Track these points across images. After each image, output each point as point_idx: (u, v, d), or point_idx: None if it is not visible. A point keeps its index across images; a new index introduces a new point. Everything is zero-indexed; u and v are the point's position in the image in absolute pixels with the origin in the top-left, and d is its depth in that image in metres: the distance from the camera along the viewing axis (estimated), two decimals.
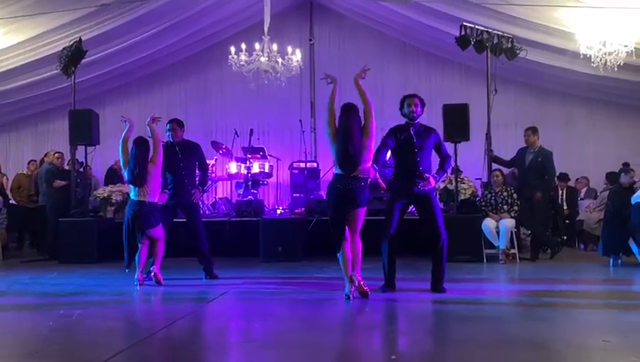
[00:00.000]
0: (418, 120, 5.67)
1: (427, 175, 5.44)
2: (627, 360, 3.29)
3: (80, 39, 9.04)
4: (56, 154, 9.81)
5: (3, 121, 12.69)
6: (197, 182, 6.83)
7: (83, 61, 9.18)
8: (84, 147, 8.98)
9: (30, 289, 6.29)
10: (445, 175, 6.00)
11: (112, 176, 10.83)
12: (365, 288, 5.09)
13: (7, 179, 10.52)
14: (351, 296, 5.00)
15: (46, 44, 9.57)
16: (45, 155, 10.07)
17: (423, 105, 5.76)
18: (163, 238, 6.40)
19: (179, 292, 6.02)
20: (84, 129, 8.73)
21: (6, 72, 10.01)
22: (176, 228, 6.94)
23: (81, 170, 9.54)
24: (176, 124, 6.87)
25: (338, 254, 5.11)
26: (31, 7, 8.43)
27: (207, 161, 10.87)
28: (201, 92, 12.84)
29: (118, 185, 9.76)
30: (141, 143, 6.26)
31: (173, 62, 12.66)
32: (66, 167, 9.81)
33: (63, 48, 9.05)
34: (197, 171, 6.92)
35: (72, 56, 8.97)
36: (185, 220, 6.76)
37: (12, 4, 8.27)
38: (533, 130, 8.40)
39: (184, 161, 6.70)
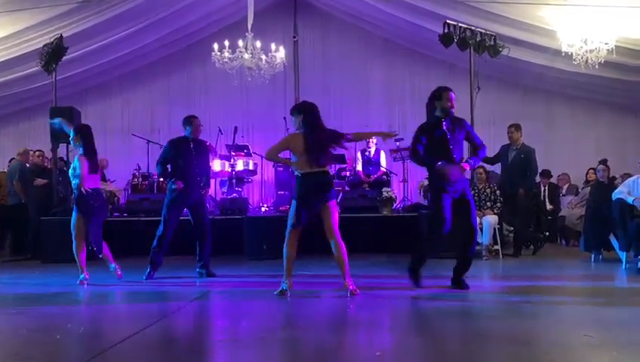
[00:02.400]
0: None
1: (463, 164, 5.40)
2: (609, 355, 3.33)
3: (61, 36, 8.94)
4: (37, 152, 9.69)
5: None
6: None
7: (64, 58, 9.07)
8: (65, 145, 8.87)
9: (11, 290, 6.21)
10: (479, 161, 5.92)
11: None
12: (356, 292, 5.10)
13: None
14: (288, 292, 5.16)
15: (26, 41, 9.46)
16: (18, 154, 9.88)
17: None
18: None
19: (162, 290, 5.98)
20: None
21: None
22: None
23: (65, 168, 9.42)
24: (199, 121, 7.02)
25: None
26: (11, 4, 8.33)
27: None
28: (185, 89, 12.75)
29: (101, 183, 9.65)
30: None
31: (156, 59, 12.55)
32: (48, 166, 9.70)
33: (44, 45, 8.94)
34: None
35: (53, 53, 8.87)
36: (190, 218, 6.73)
37: None
38: (517, 127, 8.46)
39: (197, 158, 6.65)
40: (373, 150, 10.57)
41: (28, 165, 9.60)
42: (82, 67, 10.98)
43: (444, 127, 5.42)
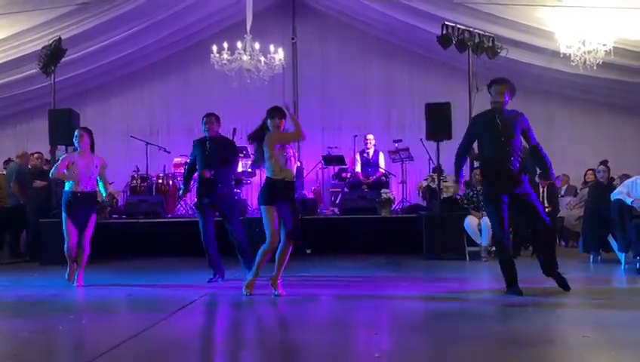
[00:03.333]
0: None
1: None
2: (607, 355, 3.33)
3: (60, 38, 8.95)
4: (36, 155, 9.69)
5: None
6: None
7: (63, 60, 9.08)
8: (64, 147, 8.86)
9: (10, 292, 6.21)
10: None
11: None
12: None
13: None
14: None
15: (25, 43, 9.47)
16: (17, 156, 9.88)
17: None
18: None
19: (160, 294, 5.97)
20: (64, 129, 8.62)
21: None
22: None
23: None
24: (214, 117, 6.91)
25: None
26: (10, 5, 8.34)
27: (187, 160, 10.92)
28: (183, 91, 12.74)
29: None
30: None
31: (155, 60, 12.55)
32: (46, 168, 9.68)
33: (43, 47, 8.94)
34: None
35: (52, 55, 8.87)
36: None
37: None
38: None
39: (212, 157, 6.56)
40: (372, 151, 10.58)
41: (30, 167, 9.59)
42: (81, 69, 10.98)
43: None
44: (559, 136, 11.99)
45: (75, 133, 6.34)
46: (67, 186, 6.28)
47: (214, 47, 9.54)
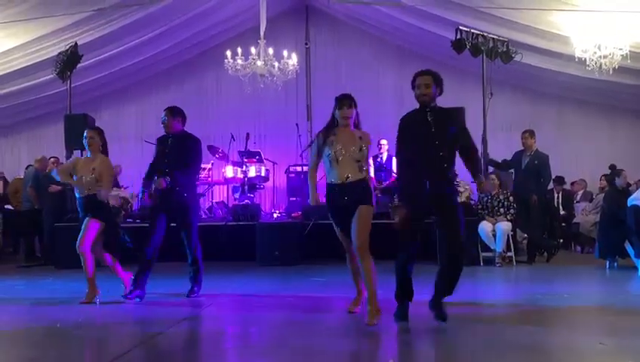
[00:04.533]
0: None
1: None
2: None
3: (76, 44, 9.05)
4: (52, 159, 9.79)
5: None
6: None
7: (79, 65, 9.17)
8: (80, 151, 8.93)
9: (26, 295, 6.26)
10: None
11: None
12: None
13: (4, 182, 10.51)
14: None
15: (42, 49, 9.59)
16: (36, 161, 10.00)
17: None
18: None
19: (173, 297, 5.99)
20: (79, 133, 8.68)
21: (2, 77, 10.01)
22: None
23: None
24: (169, 111, 5.86)
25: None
26: (27, 12, 8.44)
27: (204, 166, 10.98)
28: (198, 96, 12.82)
29: (114, 189, 9.73)
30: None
31: (170, 66, 12.65)
32: None
33: (59, 53, 9.06)
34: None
35: (68, 61, 8.98)
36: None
37: (8, 8, 8.26)
38: (531, 133, 8.41)
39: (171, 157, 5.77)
40: (385, 156, 10.55)
41: (47, 171, 9.71)
42: (97, 74, 11.09)
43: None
44: (574, 141, 11.91)
45: (84, 134, 5.79)
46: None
47: (228, 53, 9.59)
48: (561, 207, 10.35)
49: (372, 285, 4.40)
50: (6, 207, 10.21)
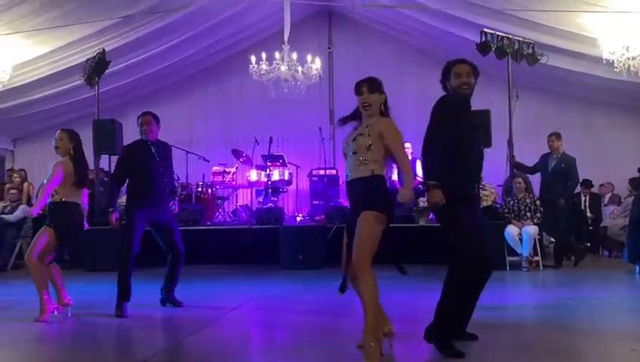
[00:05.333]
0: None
1: None
2: None
3: (103, 50, 9.20)
4: None
5: (28, 130, 12.92)
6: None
7: (106, 71, 9.33)
8: (107, 156, 9.09)
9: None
10: None
11: None
12: None
13: (33, 187, 10.70)
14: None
15: (70, 56, 9.75)
16: None
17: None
18: None
19: (199, 300, 6.04)
20: (107, 138, 8.86)
21: (31, 83, 10.22)
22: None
23: (105, 178, 9.65)
24: (152, 117, 5.60)
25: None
26: (55, 20, 8.59)
27: (228, 169, 11.08)
28: (222, 101, 12.94)
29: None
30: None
31: (194, 71, 12.78)
32: (90, 176, 9.95)
33: (87, 59, 9.22)
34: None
35: (96, 67, 9.14)
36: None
37: (37, 16, 8.43)
38: (558, 136, 8.32)
39: (162, 165, 5.54)
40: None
41: None
42: (124, 80, 11.25)
43: None
44: (602, 143, 11.71)
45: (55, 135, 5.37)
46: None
47: (253, 58, 9.65)
48: (588, 210, 10.19)
49: (369, 313, 3.51)
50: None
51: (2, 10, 7.99)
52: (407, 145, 10.55)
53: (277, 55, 9.61)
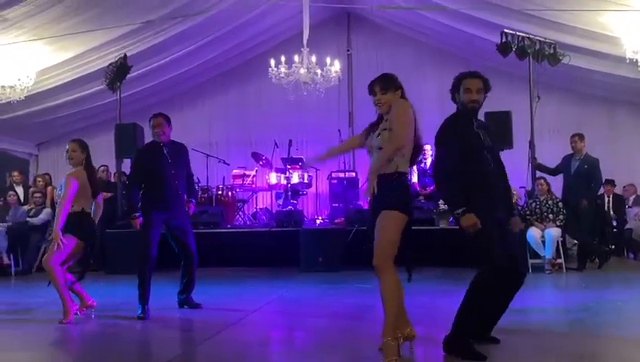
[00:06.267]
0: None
1: None
2: None
3: (125, 55, 9.31)
4: (102, 168, 10.08)
5: (52, 135, 13.12)
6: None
7: (128, 76, 9.44)
8: (129, 160, 9.17)
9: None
10: None
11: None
12: None
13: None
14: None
15: (92, 61, 9.88)
16: None
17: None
18: None
19: (220, 303, 6.07)
20: (129, 142, 8.96)
21: (54, 89, 10.38)
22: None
23: (127, 182, 9.76)
24: (163, 118, 5.53)
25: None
26: (77, 26, 8.71)
27: (248, 173, 11.13)
28: (242, 104, 13.00)
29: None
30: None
31: (214, 75, 12.87)
32: (112, 180, 10.10)
33: (109, 64, 9.34)
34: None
35: (118, 72, 9.25)
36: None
37: (59, 23, 8.56)
38: (580, 137, 8.22)
39: (175, 166, 5.51)
40: (429, 162, 10.44)
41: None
42: (145, 84, 11.37)
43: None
44: (626, 144, 11.53)
45: (67, 146, 5.50)
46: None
47: (272, 61, 9.68)
48: (612, 212, 10.04)
49: (389, 311, 3.50)
50: None
51: (26, 17, 8.13)
52: (427, 146, 10.50)
53: (296, 58, 9.63)
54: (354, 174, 11.19)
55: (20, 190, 10.45)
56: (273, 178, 10.77)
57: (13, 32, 8.37)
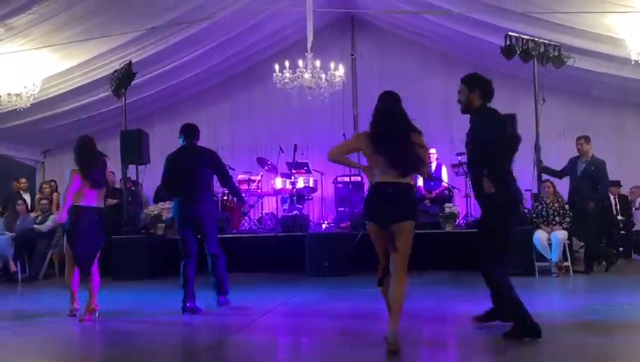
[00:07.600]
0: None
1: None
2: None
3: (130, 62, 9.35)
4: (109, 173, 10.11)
5: (57, 142, 13.15)
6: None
7: (133, 82, 9.47)
8: (134, 166, 9.22)
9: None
10: None
11: (162, 194, 11.07)
12: None
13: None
14: None
15: (97, 68, 9.92)
16: None
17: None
18: None
19: (227, 308, 6.06)
20: (134, 148, 8.99)
21: (59, 96, 10.42)
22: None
23: (133, 188, 9.79)
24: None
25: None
26: (83, 33, 8.75)
27: (253, 178, 11.15)
28: (246, 109, 13.02)
29: (167, 202, 9.96)
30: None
31: (219, 80, 12.89)
32: (117, 186, 10.12)
33: (114, 71, 9.38)
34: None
35: (123, 78, 9.29)
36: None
37: (64, 31, 8.61)
38: (586, 139, 8.19)
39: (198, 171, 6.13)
40: (434, 165, 10.44)
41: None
42: (150, 91, 11.41)
43: None
44: (632, 146, 11.49)
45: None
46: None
47: (276, 66, 9.70)
48: (619, 213, 10.00)
49: (401, 309, 3.90)
50: None
51: (32, 25, 8.17)
52: (432, 150, 10.51)
53: (300, 63, 9.65)
54: (359, 178, 11.18)
55: (26, 197, 10.51)
56: (279, 183, 10.79)
57: (19, 40, 8.41)
